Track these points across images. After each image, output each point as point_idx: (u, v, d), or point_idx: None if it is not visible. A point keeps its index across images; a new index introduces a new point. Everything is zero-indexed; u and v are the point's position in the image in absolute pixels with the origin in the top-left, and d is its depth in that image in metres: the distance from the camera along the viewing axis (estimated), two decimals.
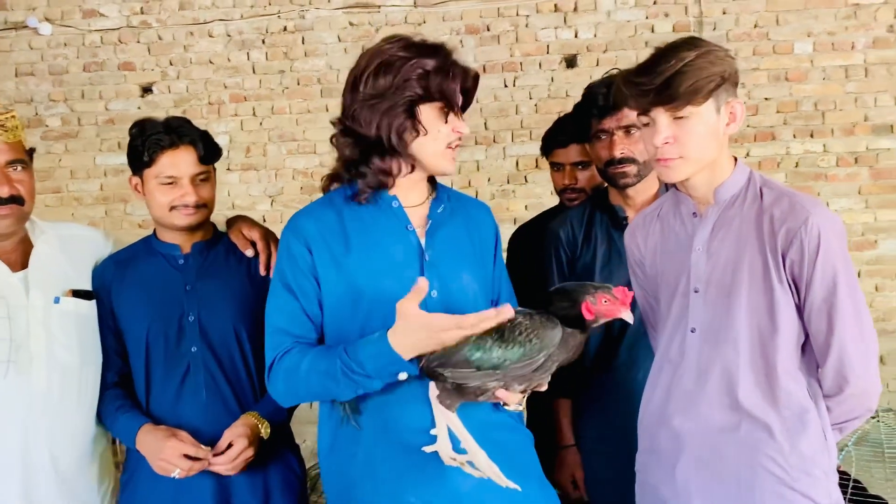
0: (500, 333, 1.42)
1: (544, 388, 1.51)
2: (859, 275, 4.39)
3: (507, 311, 1.37)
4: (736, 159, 1.66)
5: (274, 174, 4.93)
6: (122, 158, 5.07)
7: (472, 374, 1.44)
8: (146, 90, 5.03)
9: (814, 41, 4.51)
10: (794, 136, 4.57)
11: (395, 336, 1.44)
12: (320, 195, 1.70)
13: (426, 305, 1.53)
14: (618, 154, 2.00)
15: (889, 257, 4.50)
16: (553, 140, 2.48)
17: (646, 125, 1.59)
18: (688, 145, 1.54)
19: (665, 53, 1.52)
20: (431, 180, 1.70)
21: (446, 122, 1.57)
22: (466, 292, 1.61)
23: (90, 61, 5.04)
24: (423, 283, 1.39)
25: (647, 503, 1.70)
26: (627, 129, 2.00)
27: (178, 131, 1.91)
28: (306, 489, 2.09)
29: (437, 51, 1.58)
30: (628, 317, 1.44)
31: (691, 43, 1.54)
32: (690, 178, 1.60)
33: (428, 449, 1.48)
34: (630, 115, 1.95)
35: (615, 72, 2.03)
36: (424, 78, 1.53)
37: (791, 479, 1.51)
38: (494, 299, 1.71)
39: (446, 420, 1.49)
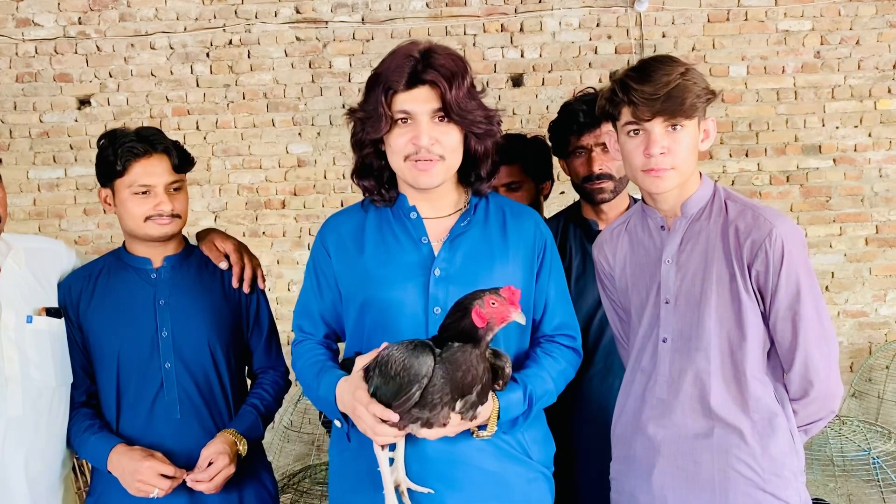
0: (380, 369, 1.39)
1: (450, 428, 1.41)
2: None
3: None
4: (701, 174, 1.72)
5: (218, 189, 4.83)
6: (58, 172, 4.97)
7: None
8: (84, 102, 4.89)
9: (747, 65, 4.72)
10: (730, 155, 4.77)
11: (341, 384, 1.51)
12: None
13: (430, 321, 1.54)
14: (596, 170, 2.04)
15: (819, 271, 4.71)
16: None
17: (633, 134, 1.60)
18: (679, 156, 1.59)
19: (659, 65, 1.56)
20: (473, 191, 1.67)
21: (401, 133, 1.55)
22: None
23: (23, 72, 4.87)
24: (383, 349, 1.43)
25: None
26: (605, 146, 2.02)
27: (150, 140, 1.88)
28: None
29: (386, 59, 1.56)
30: (520, 318, 1.38)
31: (672, 60, 1.59)
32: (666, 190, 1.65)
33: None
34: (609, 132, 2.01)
35: (591, 90, 2.09)
36: (382, 93, 1.54)
37: (763, 482, 1.57)
38: (535, 318, 1.65)
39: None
